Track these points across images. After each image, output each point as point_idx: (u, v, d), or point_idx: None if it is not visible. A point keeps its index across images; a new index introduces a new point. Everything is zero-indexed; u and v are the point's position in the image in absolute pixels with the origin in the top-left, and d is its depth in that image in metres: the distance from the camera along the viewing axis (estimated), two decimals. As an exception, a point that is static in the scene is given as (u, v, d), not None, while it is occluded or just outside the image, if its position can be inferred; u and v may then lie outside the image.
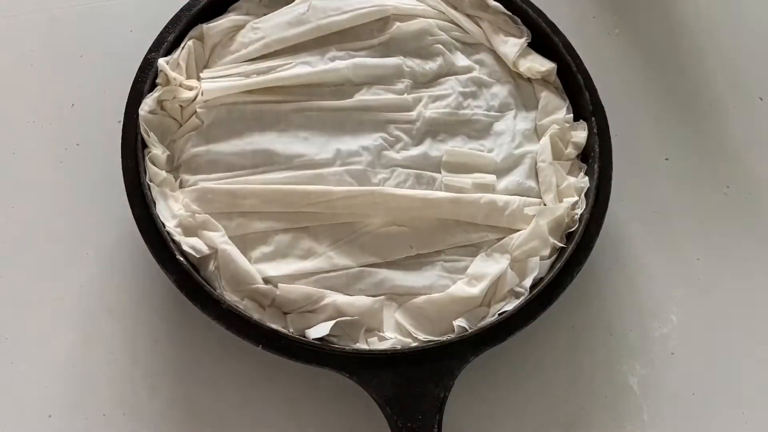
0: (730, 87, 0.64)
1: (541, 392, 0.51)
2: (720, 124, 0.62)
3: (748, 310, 0.55)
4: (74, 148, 0.57)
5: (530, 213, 0.51)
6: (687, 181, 0.60)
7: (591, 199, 0.51)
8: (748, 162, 0.61)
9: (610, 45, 0.65)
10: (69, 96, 0.58)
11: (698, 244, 0.57)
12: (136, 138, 0.49)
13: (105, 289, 0.52)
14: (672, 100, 0.63)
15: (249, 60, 0.53)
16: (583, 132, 0.54)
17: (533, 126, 0.55)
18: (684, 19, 0.67)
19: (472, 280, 0.48)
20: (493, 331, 0.46)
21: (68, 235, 0.53)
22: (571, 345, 0.53)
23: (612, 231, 0.55)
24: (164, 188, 0.49)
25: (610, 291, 0.55)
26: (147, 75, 0.51)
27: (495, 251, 0.50)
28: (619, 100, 0.59)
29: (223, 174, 0.50)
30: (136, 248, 0.51)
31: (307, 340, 0.45)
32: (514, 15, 0.57)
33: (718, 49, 0.65)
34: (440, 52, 0.55)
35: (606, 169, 0.52)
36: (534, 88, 0.56)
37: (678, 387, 0.52)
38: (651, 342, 0.53)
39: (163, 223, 0.47)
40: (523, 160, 0.53)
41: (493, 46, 0.57)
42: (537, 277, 0.49)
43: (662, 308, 0.55)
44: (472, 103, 0.55)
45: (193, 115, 0.52)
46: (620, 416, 0.51)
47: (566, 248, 0.50)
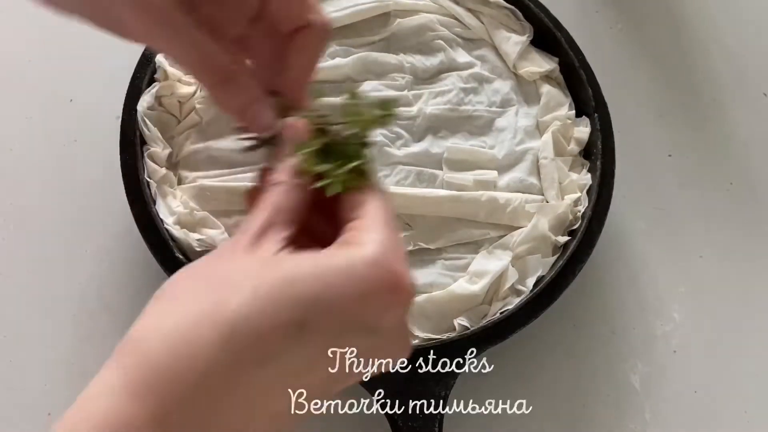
0: (734, 83, 0.63)
1: (542, 390, 0.51)
2: (723, 120, 0.62)
3: (751, 308, 0.55)
4: (72, 145, 0.56)
5: (532, 210, 0.50)
6: (690, 177, 0.59)
7: (593, 196, 0.51)
8: (751, 158, 0.60)
9: (613, 40, 0.64)
10: (67, 92, 0.58)
11: (701, 242, 0.57)
12: (135, 134, 0.49)
13: (104, 287, 0.52)
14: (675, 96, 0.63)
15: (248, 56, 0.53)
16: (585, 128, 0.54)
17: (535, 122, 0.55)
18: (687, 15, 0.66)
19: (473, 278, 0.48)
20: (494, 329, 0.46)
21: (66, 233, 0.53)
22: (573, 343, 0.53)
23: (614, 228, 0.55)
24: (163, 185, 0.49)
25: (612, 288, 0.55)
26: (145, 71, 0.51)
27: (496, 249, 0.50)
28: (621, 96, 0.59)
29: (222, 171, 0.50)
30: (134, 245, 0.51)
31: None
32: (516, 10, 0.56)
33: (721, 45, 0.65)
34: (441, 48, 0.55)
35: (608, 166, 0.52)
36: (536, 84, 0.56)
37: (680, 385, 0.52)
38: (653, 340, 0.53)
39: (162, 220, 0.47)
40: (525, 157, 0.53)
41: (494, 42, 0.57)
42: (539, 276, 0.49)
43: (665, 306, 0.54)
44: (474, 99, 0.54)
45: (192, 112, 0.51)
46: (622, 414, 0.51)
47: (568, 245, 0.50)
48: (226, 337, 0.27)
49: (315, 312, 0.28)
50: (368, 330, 0.29)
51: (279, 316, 0.27)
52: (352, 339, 0.29)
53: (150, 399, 0.26)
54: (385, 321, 0.30)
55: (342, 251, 0.30)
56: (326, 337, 0.28)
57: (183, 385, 0.26)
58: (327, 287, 0.28)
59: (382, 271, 0.29)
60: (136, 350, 0.28)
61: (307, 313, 0.27)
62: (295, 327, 0.27)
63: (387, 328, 0.30)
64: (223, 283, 0.28)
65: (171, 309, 0.29)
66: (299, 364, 0.28)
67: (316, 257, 0.29)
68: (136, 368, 0.27)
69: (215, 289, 0.28)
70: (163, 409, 0.26)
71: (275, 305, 0.27)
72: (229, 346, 0.27)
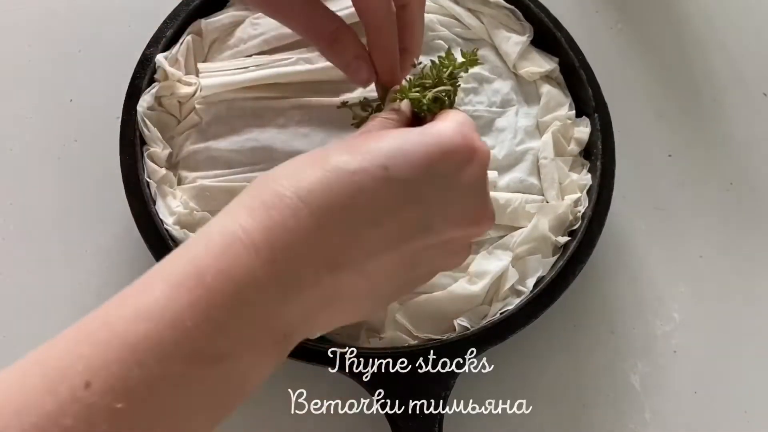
0: (734, 82, 0.63)
1: (542, 390, 0.51)
2: (723, 119, 0.62)
3: (751, 308, 0.55)
4: (72, 145, 0.56)
5: (532, 210, 0.50)
6: (690, 177, 0.59)
7: (593, 196, 0.51)
8: (751, 158, 0.60)
9: (613, 40, 0.64)
10: (67, 92, 0.58)
11: (701, 241, 0.57)
12: (135, 134, 0.49)
13: (103, 287, 0.52)
14: (675, 95, 0.63)
15: (248, 56, 0.53)
16: (585, 128, 0.53)
17: (535, 122, 0.55)
18: (687, 15, 0.66)
19: (473, 278, 0.48)
20: (494, 329, 0.46)
21: (66, 233, 0.53)
22: (573, 343, 0.52)
23: (614, 228, 0.55)
24: (163, 185, 0.49)
25: (613, 289, 0.54)
26: (145, 71, 0.51)
27: (496, 249, 0.49)
28: (621, 96, 0.59)
29: (222, 171, 0.49)
30: (134, 246, 0.51)
31: (308, 339, 0.45)
32: (516, 10, 0.56)
33: (721, 45, 0.65)
34: (441, 48, 0.55)
35: (608, 166, 0.52)
36: (536, 84, 0.56)
37: (680, 385, 0.52)
38: (653, 340, 0.53)
39: (162, 220, 0.47)
40: (525, 157, 0.53)
41: (494, 42, 0.57)
42: (539, 276, 0.49)
43: (665, 306, 0.54)
44: (474, 100, 0.54)
45: (191, 112, 0.51)
46: (622, 414, 0.51)
47: (568, 246, 0.49)
48: (328, 175, 0.31)
49: (397, 158, 0.32)
50: (447, 183, 0.34)
51: (367, 160, 0.32)
52: (431, 191, 0.33)
53: (264, 214, 0.31)
54: (463, 175, 0.34)
55: (423, 127, 0.36)
56: (407, 184, 0.32)
57: (297, 210, 0.31)
58: (408, 141, 0.33)
59: (458, 134, 0.34)
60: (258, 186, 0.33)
61: (389, 159, 0.32)
62: (380, 169, 0.32)
63: (465, 184, 0.34)
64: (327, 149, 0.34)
65: (282, 169, 0.33)
66: (384, 208, 0.32)
67: (402, 130, 0.35)
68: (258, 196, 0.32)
69: (320, 151, 0.34)
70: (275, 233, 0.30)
71: (365, 154, 0.32)
72: (329, 183, 0.31)
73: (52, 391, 0.26)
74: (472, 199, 0.36)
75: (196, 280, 0.29)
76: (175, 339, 0.28)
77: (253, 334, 0.30)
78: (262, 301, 0.30)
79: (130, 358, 0.27)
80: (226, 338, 0.29)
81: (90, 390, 0.26)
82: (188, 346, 0.28)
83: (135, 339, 0.28)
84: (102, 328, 0.29)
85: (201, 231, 0.32)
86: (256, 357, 0.30)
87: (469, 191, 0.35)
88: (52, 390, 0.27)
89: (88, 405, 0.26)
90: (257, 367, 0.31)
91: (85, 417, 0.26)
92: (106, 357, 0.27)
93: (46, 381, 0.27)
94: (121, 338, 0.28)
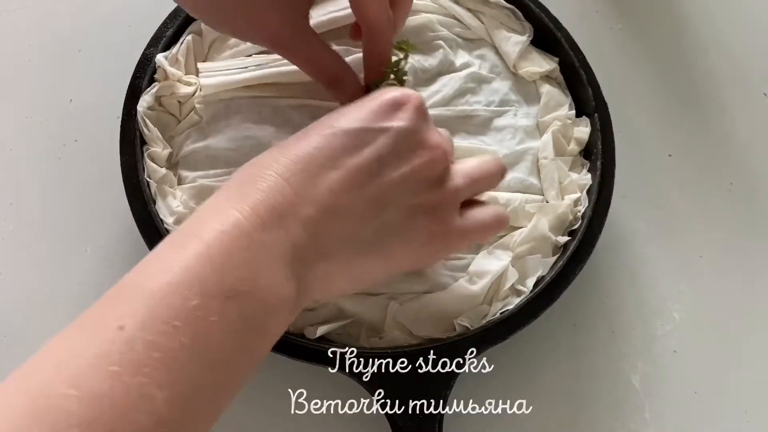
0: (735, 82, 0.63)
1: (542, 390, 0.51)
2: (724, 120, 0.62)
3: (751, 308, 0.55)
4: (72, 144, 0.56)
5: (532, 210, 0.50)
6: (690, 177, 0.59)
7: (593, 196, 0.51)
8: (752, 158, 0.60)
9: (613, 40, 0.64)
10: (67, 92, 0.58)
11: (701, 241, 0.57)
12: (135, 134, 0.49)
13: (104, 287, 0.51)
14: (675, 95, 0.63)
15: (248, 55, 0.53)
16: (585, 128, 0.53)
17: (535, 122, 0.55)
18: (687, 15, 0.66)
19: (473, 278, 0.48)
20: (494, 329, 0.46)
21: (66, 232, 0.53)
22: (572, 343, 0.52)
23: (614, 228, 0.55)
24: (163, 185, 0.49)
25: (613, 288, 0.54)
26: (145, 70, 0.51)
27: (496, 249, 0.49)
28: (622, 96, 0.59)
29: (222, 170, 0.49)
30: (134, 245, 0.51)
31: (308, 339, 0.45)
32: (516, 10, 0.56)
33: (722, 44, 0.65)
34: (441, 48, 0.55)
35: (609, 166, 0.52)
36: (536, 84, 0.56)
37: (680, 385, 0.52)
38: (653, 340, 0.53)
39: (162, 220, 0.47)
40: (525, 157, 0.53)
41: (494, 42, 0.57)
42: (539, 276, 0.49)
43: (665, 306, 0.54)
44: (473, 99, 0.54)
45: (191, 112, 0.51)
46: (622, 414, 0.51)
47: (568, 246, 0.49)
48: (291, 145, 0.39)
49: (339, 118, 0.40)
50: (387, 124, 0.40)
51: (318, 126, 0.40)
52: (372, 133, 0.39)
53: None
54: (399, 114, 0.40)
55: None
56: (350, 131, 0.39)
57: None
58: (348, 106, 0.41)
59: (387, 91, 0.41)
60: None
61: (334, 120, 0.40)
62: (327, 128, 0.39)
63: (404, 119, 0.40)
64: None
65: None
66: (336, 154, 0.39)
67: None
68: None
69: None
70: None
71: (317, 124, 0.40)
72: (292, 150, 0.39)
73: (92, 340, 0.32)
74: (415, 134, 0.40)
75: (196, 239, 0.35)
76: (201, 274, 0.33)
77: (260, 268, 0.35)
78: (259, 239, 0.35)
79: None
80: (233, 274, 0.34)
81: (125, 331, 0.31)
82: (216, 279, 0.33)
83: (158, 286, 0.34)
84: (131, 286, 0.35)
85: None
86: (268, 294, 0.35)
87: (409, 125, 0.40)
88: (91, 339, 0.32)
89: (128, 340, 0.31)
90: (271, 312, 0.35)
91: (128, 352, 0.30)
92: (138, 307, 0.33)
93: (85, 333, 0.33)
94: (147, 288, 0.34)
